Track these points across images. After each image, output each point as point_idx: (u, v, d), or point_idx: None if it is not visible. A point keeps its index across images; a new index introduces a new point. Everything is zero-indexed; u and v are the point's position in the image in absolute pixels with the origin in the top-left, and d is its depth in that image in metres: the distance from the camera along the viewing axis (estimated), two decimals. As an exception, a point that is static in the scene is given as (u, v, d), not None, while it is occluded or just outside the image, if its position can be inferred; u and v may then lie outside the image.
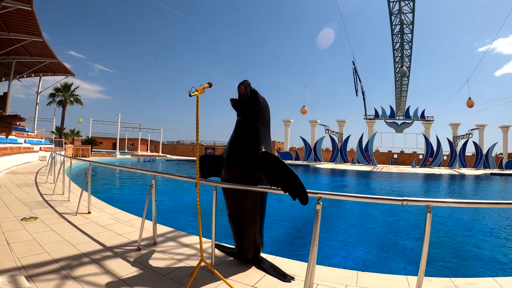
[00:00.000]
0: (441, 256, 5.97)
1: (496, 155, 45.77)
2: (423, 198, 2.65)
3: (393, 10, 32.25)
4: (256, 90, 3.46)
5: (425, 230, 2.55)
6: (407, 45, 38.35)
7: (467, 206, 3.14)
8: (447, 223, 8.65)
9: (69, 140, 53.81)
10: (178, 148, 60.20)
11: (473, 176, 31.66)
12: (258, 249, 3.69)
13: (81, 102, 44.88)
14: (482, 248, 6.70)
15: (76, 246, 4.14)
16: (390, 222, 8.90)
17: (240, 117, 3.45)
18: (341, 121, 50.92)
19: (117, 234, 4.80)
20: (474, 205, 2.71)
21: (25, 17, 18.16)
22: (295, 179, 2.98)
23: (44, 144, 28.82)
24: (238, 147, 3.40)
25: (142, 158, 40.93)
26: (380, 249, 6.63)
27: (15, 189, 8.90)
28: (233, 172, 3.38)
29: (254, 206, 3.50)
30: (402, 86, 49.06)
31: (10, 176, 12.11)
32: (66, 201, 7.35)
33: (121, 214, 6.29)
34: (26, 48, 23.58)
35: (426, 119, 47.83)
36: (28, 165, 18.36)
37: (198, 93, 2.85)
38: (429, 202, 2.57)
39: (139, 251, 4.04)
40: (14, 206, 6.58)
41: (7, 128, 1.53)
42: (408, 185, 21.96)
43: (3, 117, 1.52)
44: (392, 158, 52.64)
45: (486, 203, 2.67)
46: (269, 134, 3.63)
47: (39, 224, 5.21)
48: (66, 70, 31.39)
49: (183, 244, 4.42)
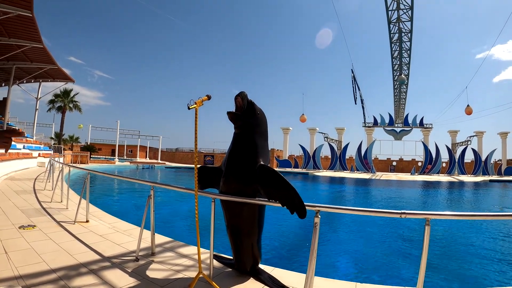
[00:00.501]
0: (442, 266, 5.94)
1: (495, 162, 45.92)
2: (421, 211, 2.65)
3: (391, 19, 32.45)
4: (253, 101, 3.47)
5: (424, 242, 2.56)
6: (406, 53, 38.54)
7: (466, 219, 3.15)
8: (446, 234, 8.58)
9: (68, 146, 53.78)
10: (177, 155, 60.05)
11: (472, 183, 31.68)
12: (256, 260, 3.68)
13: (80, 109, 45.07)
14: (482, 259, 6.63)
15: (74, 255, 4.13)
16: (389, 232, 8.82)
17: (238, 129, 3.46)
18: (340, 129, 51.00)
19: (115, 244, 4.78)
20: (473, 217, 2.73)
21: (26, 23, 18.22)
22: (293, 193, 2.98)
23: (43, 150, 28.82)
24: (236, 159, 3.40)
25: (141, 165, 40.85)
26: (379, 260, 6.59)
27: (13, 196, 8.89)
28: (231, 184, 3.38)
29: (252, 218, 3.49)
30: (401, 94, 49.20)
31: (8, 183, 12.09)
32: (64, 209, 7.34)
33: (119, 223, 6.27)
34: (26, 54, 23.65)
35: (425, 126, 47.93)
36: (27, 171, 18.35)
37: (196, 105, 2.86)
38: (427, 215, 2.57)
39: (137, 261, 4.02)
40: (12, 214, 6.57)
41: (7, 144, 1.53)
42: (407, 193, 21.92)
43: (2, 132, 1.51)
44: (391, 165, 52.67)
45: (485, 215, 2.69)
46: (267, 146, 3.64)
47: (37, 233, 5.19)
48: (65, 76, 31.47)
49: (181, 255, 4.40)
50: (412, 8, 30.27)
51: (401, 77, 40.63)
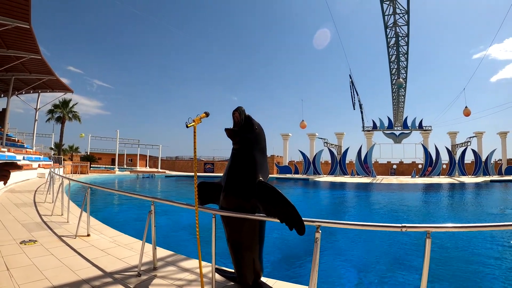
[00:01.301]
0: (445, 278, 5.88)
1: (495, 162, 45.93)
2: (422, 224, 2.65)
3: (388, 24, 32.63)
4: (250, 116, 3.48)
5: (425, 256, 2.55)
6: (403, 57, 38.73)
7: (467, 231, 3.15)
8: (448, 245, 8.35)
9: (68, 156, 53.79)
10: (177, 164, 59.96)
11: (473, 184, 31.71)
12: (258, 274, 3.68)
13: (79, 119, 45.14)
14: (486, 268, 6.52)
15: (76, 271, 4.12)
16: (391, 241, 8.64)
17: (236, 145, 3.47)
18: (340, 134, 51.02)
19: (117, 259, 4.77)
20: (474, 229, 2.73)
21: (24, 34, 18.36)
22: (291, 209, 2.97)
23: (42, 161, 28.81)
24: (235, 175, 3.41)
25: (141, 174, 40.75)
26: (381, 270, 6.53)
27: (13, 209, 8.88)
28: (231, 200, 3.39)
29: (252, 232, 3.49)
30: (399, 97, 49.38)
31: (8, 195, 12.08)
32: (65, 223, 7.33)
33: (120, 236, 6.26)
34: (25, 65, 23.77)
35: (424, 128, 47.94)
36: (27, 182, 18.33)
37: (195, 123, 2.87)
38: (428, 228, 2.57)
39: (139, 276, 4.01)
40: (13, 228, 6.57)
41: (5, 177, 1.55)
42: (408, 197, 21.86)
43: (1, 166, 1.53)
44: (391, 169, 52.68)
45: (488, 226, 2.67)
46: (266, 162, 3.65)
47: (38, 248, 5.18)
48: (64, 87, 31.58)
49: (183, 269, 4.39)
50: (408, 12, 30.47)
51: (399, 81, 40.78)
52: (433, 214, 14.59)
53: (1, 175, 1.52)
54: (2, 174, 1.52)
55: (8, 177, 1.56)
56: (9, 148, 25.12)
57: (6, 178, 1.55)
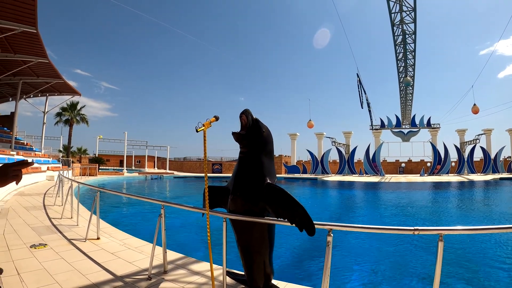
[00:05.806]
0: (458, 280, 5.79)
1: (505, 159, 45.26)
2: (434, 227, 2.62)
3: (395, 21, 32.38)
4: (258, 119, 3.45)
5: (437, 259, 2.51)
6: (410, 55, 38.38)
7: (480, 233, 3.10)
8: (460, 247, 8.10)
9: (77, 158, 54.23)
10: (185, 165, 60.07)
11: (483, 182, 31.38)
12: (268, 277, 3.65)
13: (87, 122, 45.49)
14: (502, 273, 6.31)
15: (87, 275, 4.13)
16: (403, 244, 8.42)
17: (244, 148, 3.45)
18: (347, 133, 50.84)
19: (127, 262, 4.78)
20: (487, 231, 2.67)
21: (30, 39, 18.49)
22: (301, 211, 2.95)
23: (51, 163, 29.06)
24: (243, 178, 3.39)
25: (150, 175, 40.88)
26: (392, 272, 6.45)
27: (23, 213, 8.96)
28: (239, 203, 3.36)
29: (262, 236, 3.47)
30: (407, 95, 48.95)
31: (18, 198, 12.20)
32: (75, 226, 7.37)
33: (130, 239, 6.29)
34: (32, 69, 23.96)
35: (432, 126, 47.54)
36: (36, 185, 18.49)
37: (205, 127, 2.85)
38: (440, 230, 2.53)
39: (149, 280, 4.02)
40: (23, 232, 6.61)
41: (17, 176, 1.54)
42: (417, 196, 21.64)
43: (9, 166, 1.52)
44: (400, 167, 52.23)
45: (500, 228, 2.63)
46: (273, 165, 3.62)
47: (48, 252, 5.22)
48: (72, 90, 31.78)
49: (193, 272, 4.38)
50: (415, 10, 30.19)
51: (406, 79, 40.47)
52: (444, 214, 14.44)
53: (13, 175, 1.52)
54: (13, 174, 1.52)
55: (20, 177, 1.55)
56: (18, 151, 25.41)
57: (18, 178, 1.55)
